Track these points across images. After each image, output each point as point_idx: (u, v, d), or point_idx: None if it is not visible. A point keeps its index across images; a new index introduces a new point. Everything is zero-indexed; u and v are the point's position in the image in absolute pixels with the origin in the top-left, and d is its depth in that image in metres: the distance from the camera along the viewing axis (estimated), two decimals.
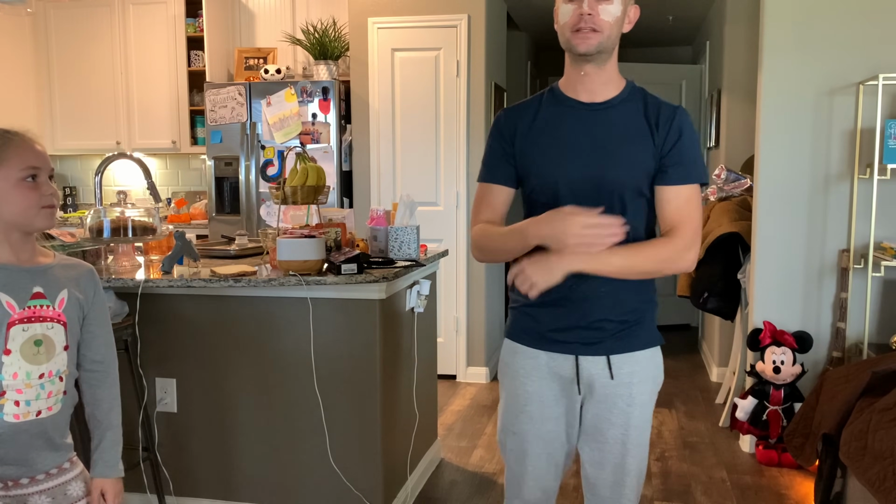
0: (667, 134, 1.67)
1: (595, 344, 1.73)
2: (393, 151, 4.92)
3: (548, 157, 1.70)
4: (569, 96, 1.73)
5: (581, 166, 1.67)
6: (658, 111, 1.70)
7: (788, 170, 3.56)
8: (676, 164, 1.66)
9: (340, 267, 2.54)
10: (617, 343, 1.74)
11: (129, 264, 2.92)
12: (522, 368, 1.80)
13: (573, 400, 1.80)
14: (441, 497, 3.16)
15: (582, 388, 1.78)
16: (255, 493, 2.86)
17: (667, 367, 5.51)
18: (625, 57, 7.14)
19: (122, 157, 3.15)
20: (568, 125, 1.70)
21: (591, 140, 1.68)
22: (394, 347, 2.86)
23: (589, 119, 1.70)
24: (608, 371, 1.74)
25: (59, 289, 1.69)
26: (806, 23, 3.48)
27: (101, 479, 1.77)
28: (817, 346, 3.57)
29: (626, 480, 1.80)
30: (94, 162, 6.06)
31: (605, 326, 1.73)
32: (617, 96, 1.72)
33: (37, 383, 1.64)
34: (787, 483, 3.29)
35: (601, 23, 1.61)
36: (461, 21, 4.72)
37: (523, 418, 1.80)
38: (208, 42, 5.31)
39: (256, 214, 5.03)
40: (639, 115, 1.70)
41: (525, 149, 1.74)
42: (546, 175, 1.70)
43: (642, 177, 1.67)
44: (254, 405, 2.82)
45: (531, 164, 1.73)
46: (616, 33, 1.67)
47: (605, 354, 1.74)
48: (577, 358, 1.75)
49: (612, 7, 1.62)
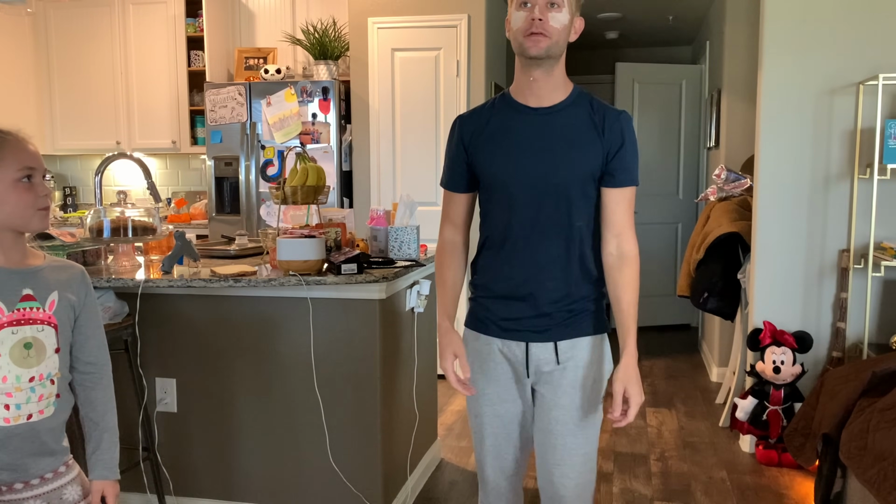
0: (612, 138, 1.79)
1: (543, 331, 1.86)
2: (393, 151, 4.92)
3: (498, 159, 1.82)
4: (518, 101, 1.85)
5: (529, 167, 1.80)
6: (603, 115, 1.81)
7: (788, 170, 3.56)
8: (621, 169, 1.80)
9: (340, 267, 2.54)
10: (564, 330, 1.87)
11: (129, 264, 2.92)
12: (479, 353, 1.93)
13: (524, 384, 1.92)
14: (441, 497, 3.16)
15: (531, 372, 1.89)
16: (255, 493, 2.86)
17: (667, 367, 5.51)
18: (625, 57, 7.15)
19: (122, 157, 3.15)
20: (517, 129, 1.83)
21: (538, 143, 1.81)
22: (394, 347, 2.86)
23: (537, 123, 1.82)
24: (555, 356, 1.87)
25: (50, 291, 1.67)
26: (806, 23, 3.48)
27: (102, 481, 1.76)
28: (817, 346, 3.57)
29: (572, 461, 1.88)
30: (94, 162, 6.06)
31: (553, 314, 1.86)
32: (563, 101, 1.82)
33: (27, 386, 1.62)
34: (787, 483, 3.29)
35: (550, 28, 1.73)
36: (461, 21, 4.72)
37: (482, 400, 1.94)
38: (208, 42, 5.31)
39: (256, 214, 5.03)
40: (585, 118, 1.81)
41: (477, 153, 1.86)
42: (497, 176, 1.83)
43: (587, 178, 1.80)
44: (254, 405, 2.83)
45: (484, 167, 1.85)
46: (564, 40, 1.78)
47: (553, 341, 1.86)
48: (528, 344, 1.87)
49: (560, 15, 1.74)
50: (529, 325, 1.86)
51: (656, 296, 6.41)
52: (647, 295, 6.41)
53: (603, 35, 6.44)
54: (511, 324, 1.88)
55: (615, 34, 6.36)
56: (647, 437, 3.85)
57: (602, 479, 3.32)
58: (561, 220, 1.80)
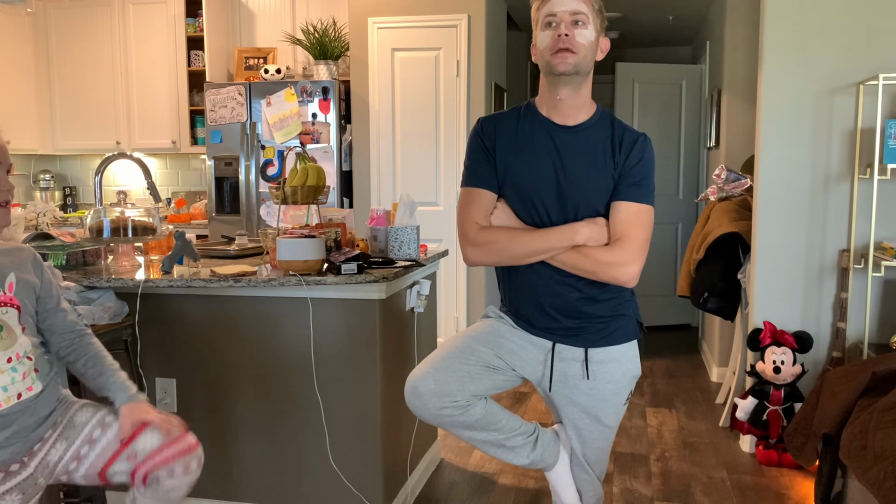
0: (627, 157, 1.83)
1: (574, 336, 1.92)
2: (393, 151, 4.92)
3: (521, 169, 1.89)
4: (544, 115, 1.88)
5: (547, 182, 1.85)
6: (623, 136, 1.85)
7: (788, 170, 3.56)
8: (630, 184, 1.83)
9: (340, 267, 2.54)
10: (596, 338, 1.92)
11: (129, 264, 2.92)
12: (507, 327, 2.01)
13: (545, 365, 1.98)
14: (441, 497, 3.16)
15: (555, 370, 1.96)
16: (255, 493, 2.86)
17: (667, 367, 5.50)
18: (625, 57, 7.15)
19: (122, 157, 3.15)
20: (540, 143, 1.86)
21: (558, 159, 1.84)
22: (394, 347, 2.86)
23: (559, 140, 1.85)
24: (584, 365, 1.93)
25: (5, 274, 1.69)
26: (806, 23, 3.48)
27: (128, 405, 1.77)
28: (817, 346, 3.57)
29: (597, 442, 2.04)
30: (94, 162, 6.06)
31: (584, 325, 1.92)
32: (587, 121, 1.86)
33: (7, 367, 1.64)
34: (787, 483, 3.29)
35: (577, 44, 1.77)
36: (461, 21, 4.72)
37: (502, 342, 1.98)
38: (208, 42, 5.31)
39: (256, 214, 5.03)
40: (605, 139, 1.85)
41: (505, 158, 1.90)
42: (518, 185, 1.88)
43: (599, 198, 1.84)
44: (254, 405, 2.83)
45: (508, 173, 1.89)
46: (591, 57, 1.81)
47: (584, 347, 1.92)
48: (554, 344, 1.95)
49: (586, 31, 1.80)
50: (559, 330, 1.94)
51: (656, 296, 6.41)
52: (647, 295, 6.41)
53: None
54: (543, 324, 1.95)
55: (615, 34, 6.36)
56: (647, 437, 3.85)
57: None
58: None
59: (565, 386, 1.98)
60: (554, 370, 1.95)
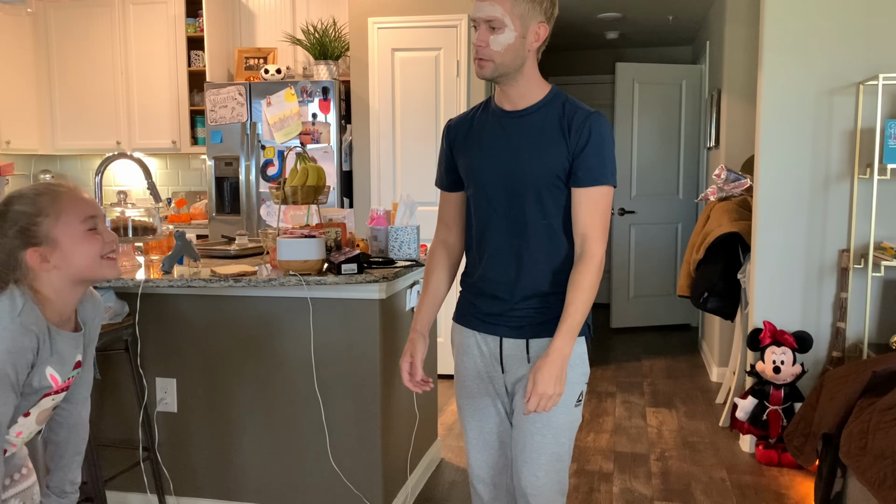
0: (578, 137, 1.80)
1: (517, 328, 1.90)
2: (393, 151, 4.92)
3: (474, 160, 1.89)
4: (497, 105, 1.91)
5: (497, 166, 1.86)
6: (572, 115, 1.83)
7: (788, 170, 3.56)
8: (583, 168, 1.80)
9: (340, 267, 2.54)
10: (536, 329, 1.89)
11: (129, 264, 2.92)
12: (461, 346, 1.99)
13: (498, 378, 1.95)
14: (441, 497, 3.16)
15: (505, 368, 1.93)
16: (255, 493, 2.86)
17: (667, 367, 5.50)
18: (625, 57, 7.15)
19: (123, 157, 3.15)
20: (491, 131, 1.88)
21: (507, 142, 1.85)
22: (394, 347, 2.86)
23: (508, 125, 1.87)
24: (526, 354, 1.89)
25: (88, 348, 1.67)
26: (806, 23, 3.48)
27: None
28: (817, 346, 3.57)
29: (539, 460, 1.90)
30: (94, 162, 6.06)
31: (526, 312, 1.88)
32: (536, 104, 1.86)
33: (28, 437, 1.66)
34: (787, 483, 3.29)
35: (490, 53, 1.77)
36: (461, 21, 4.73)
37: (463, 392, 2.00)
38: (208, 42, 5.31)
39: (256, 214, 5.03)
40: (554, 119, 1.84)
41: (460, 155, 1.94)
42: (473, 175, 1.90)
43: (554, 173, 1.81)
44: (254, 405, 2.83)
45: (464, 167, 1.92)
46: (511, 58, 1.79)
47: (525, 338, 1.89)
48: (502, 340, 1.92)
49: (501, 37, 1.76)
50: (504, 321, 1.90)
51: (656, 296, 6.41)
52: (647, 295, 6.41)
53: (603, 35, 6.44)
54: (490, 318, 1.92)
55: (615, 34, 6.36)
56: (647, 437, 3.85)
57: (602, 479, 3.32)
58: (530, 219, 1.83)
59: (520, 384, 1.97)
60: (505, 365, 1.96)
